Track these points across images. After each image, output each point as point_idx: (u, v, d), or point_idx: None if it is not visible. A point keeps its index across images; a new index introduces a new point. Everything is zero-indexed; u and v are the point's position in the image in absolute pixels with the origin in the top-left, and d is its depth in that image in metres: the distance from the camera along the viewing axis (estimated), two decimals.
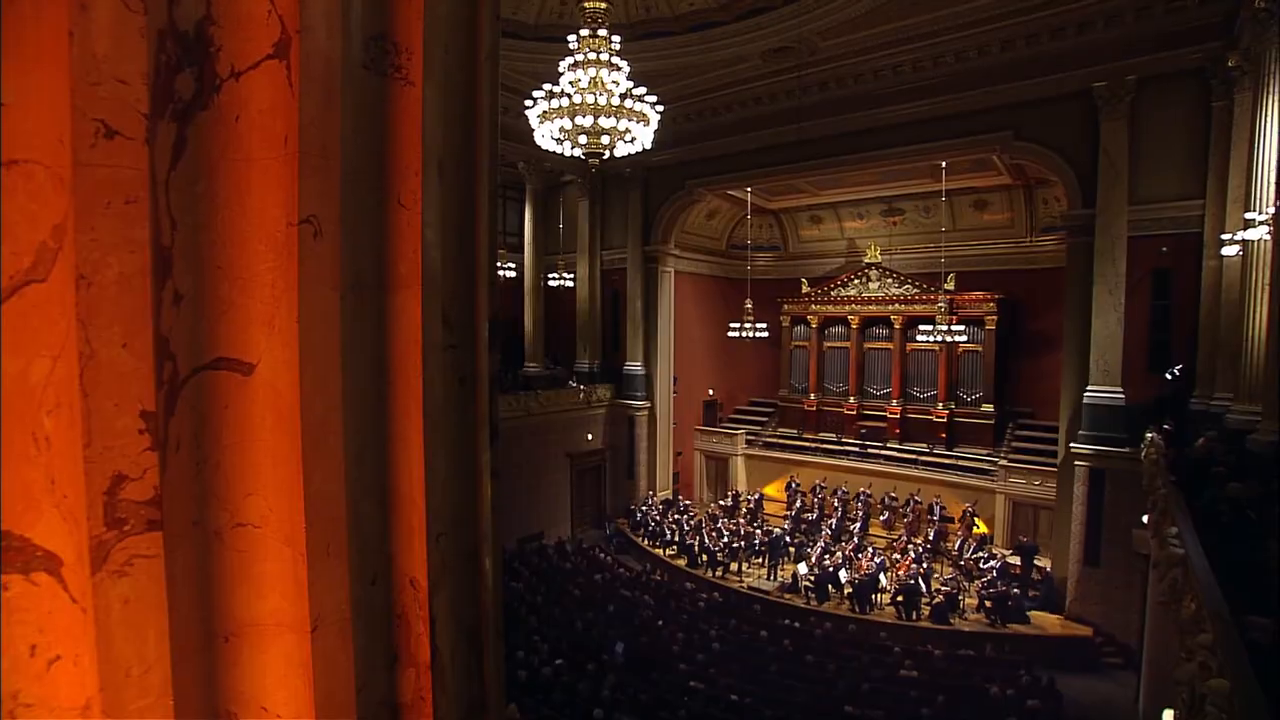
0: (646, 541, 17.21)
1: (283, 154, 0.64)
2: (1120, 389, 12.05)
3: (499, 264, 18.78)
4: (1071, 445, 12.53)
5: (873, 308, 18.88)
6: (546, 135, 8.86)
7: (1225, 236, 9.93)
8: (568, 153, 9.15)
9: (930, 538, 15.16)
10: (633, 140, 8.89)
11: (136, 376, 0.53)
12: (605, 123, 8.46)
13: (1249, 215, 8.40)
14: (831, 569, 13.73)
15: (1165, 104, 11.73)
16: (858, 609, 12.98)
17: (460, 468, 0.90)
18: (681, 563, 15.86)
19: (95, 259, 0.51)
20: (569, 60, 8.39)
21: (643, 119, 8.72)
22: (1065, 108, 12.70)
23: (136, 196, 0.52)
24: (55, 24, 0.48)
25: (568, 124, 8.53)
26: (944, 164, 15.43)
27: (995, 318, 17.05)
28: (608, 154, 9.03)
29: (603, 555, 16.65)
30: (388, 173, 0.79)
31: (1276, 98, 8.53)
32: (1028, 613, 12.34)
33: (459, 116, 0.87)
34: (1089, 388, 12.33)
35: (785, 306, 20.49)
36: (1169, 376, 11.14)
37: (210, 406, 0.61)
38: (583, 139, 8.74)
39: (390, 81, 0.78)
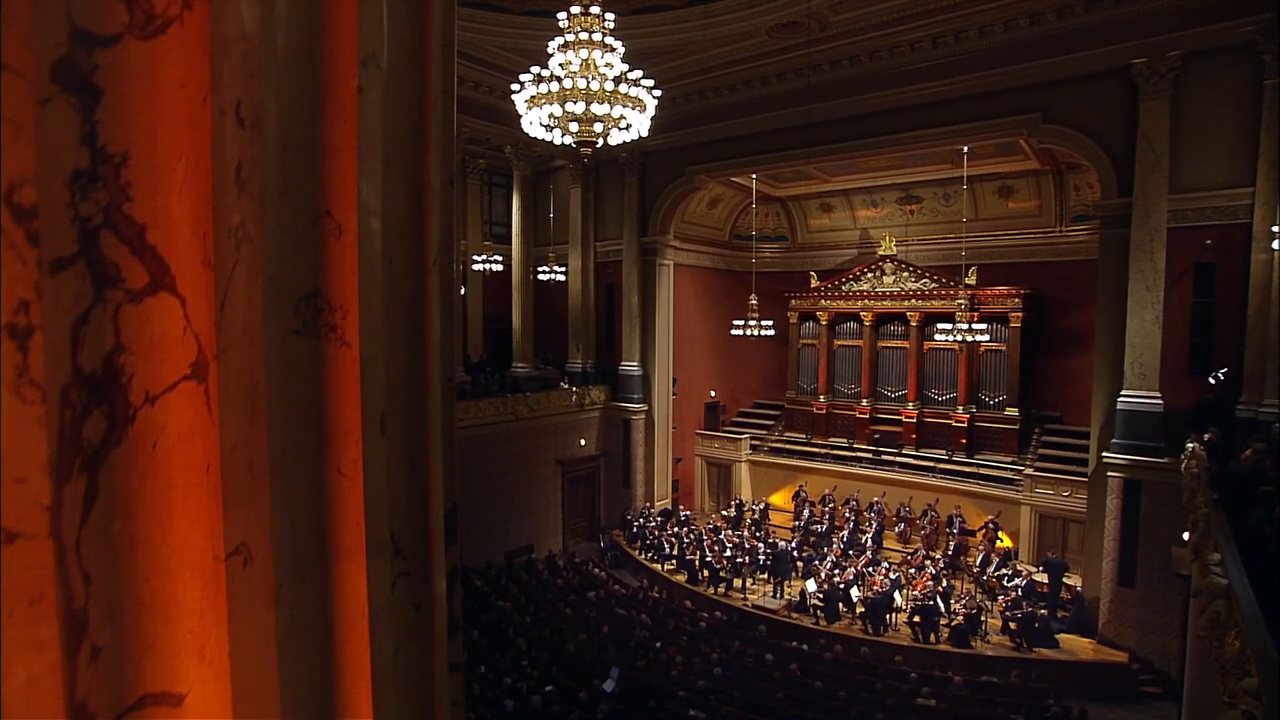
0: (643, 555, 17.34)
1: (205, 482, 0.65)
2: (1158, 393, 12.07)
3: (485, 257, 18.80)
4: (1104, 454, 12.57)
5: (887, 303, 18.86)
6: (535, 122, 8.81)
7: (1277, 228, 9.91)
8: (558, 141, 9.11)
9: (949, 552, 15.27)
10: (628, 128, 8.84)
11: None
12: (598, 109, 8.40)
13: None
14: (842, 586, 13.83)
15: (1212, 82, 11.63)
16: (871, 630, 13.10)
17: (416, 714, 0.91)
18: (681, 578, 15.98)
19: None
20: (558, 40, 8.33)
21: (639, 105, 8.67)
22: (1100, 87, 12.63)
23: (42, 595, 0.52)
24: None
25: (558, 110, 8.47)
26: (966, 148, 15.36)
27: (1020, 314, 17.02)
28: (601, 142, 8.99)
29: (597, 570, 16.79)
30: (325, 441, 0.79)
31: None
32: (1056, 636, 12.43)
33: (404, 373, 0.87)
34: (1123, 392, 12.35)
35: (793, 302, 20.47)
36: (1212, 380, 11.14)
37: None
38: (574, 126, 8.68)
39: (324, 343, 0.78)
